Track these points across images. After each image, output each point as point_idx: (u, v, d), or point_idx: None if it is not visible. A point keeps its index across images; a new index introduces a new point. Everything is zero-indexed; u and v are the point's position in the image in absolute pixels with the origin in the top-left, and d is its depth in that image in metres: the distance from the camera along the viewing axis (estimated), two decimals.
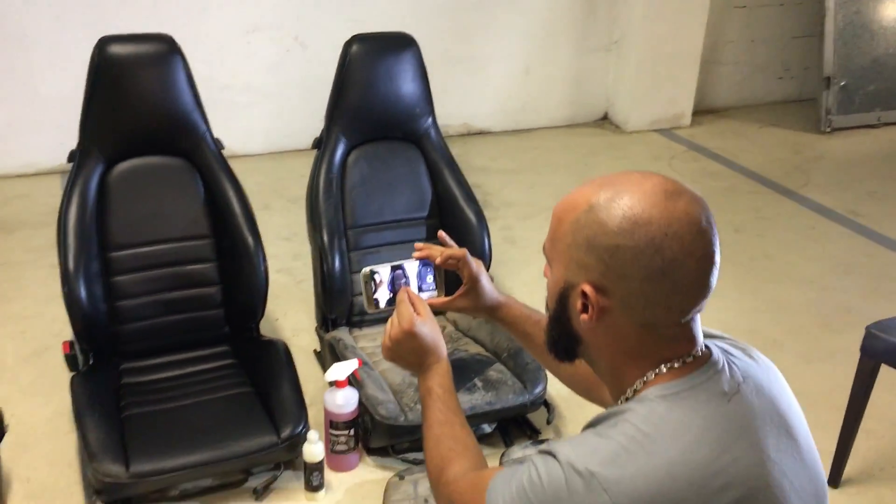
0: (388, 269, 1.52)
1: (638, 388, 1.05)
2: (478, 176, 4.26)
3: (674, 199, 1.00)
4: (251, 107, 4.37)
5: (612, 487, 0.96)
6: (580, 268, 1.04)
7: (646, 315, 1.02)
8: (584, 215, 1.03)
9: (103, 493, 2.05)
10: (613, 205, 1.01)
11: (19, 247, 3.41)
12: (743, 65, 5.44)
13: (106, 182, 2.37)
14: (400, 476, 2.22)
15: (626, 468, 0.97)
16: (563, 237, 1.06)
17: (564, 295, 1.08)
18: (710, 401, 1.03)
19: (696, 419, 1.01)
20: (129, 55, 2.32)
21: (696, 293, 1.02)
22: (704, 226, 1.01)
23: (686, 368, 1.05)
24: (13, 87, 3.92)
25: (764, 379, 1.10)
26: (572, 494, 0.98)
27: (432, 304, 1.51)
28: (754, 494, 1.00)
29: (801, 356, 2.90)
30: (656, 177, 1.04)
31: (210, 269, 2.48)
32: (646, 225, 0.99)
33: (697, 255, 1.00)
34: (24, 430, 2.39)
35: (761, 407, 1.06)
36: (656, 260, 0.99)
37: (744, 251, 3.65)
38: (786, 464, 1.04)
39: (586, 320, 1.05)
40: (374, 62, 2.59)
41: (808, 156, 4.78)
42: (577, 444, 1.03)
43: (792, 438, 1.07)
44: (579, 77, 5.04)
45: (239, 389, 2.33)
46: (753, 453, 1.01)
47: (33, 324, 2.91)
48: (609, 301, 1.03)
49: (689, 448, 0.99)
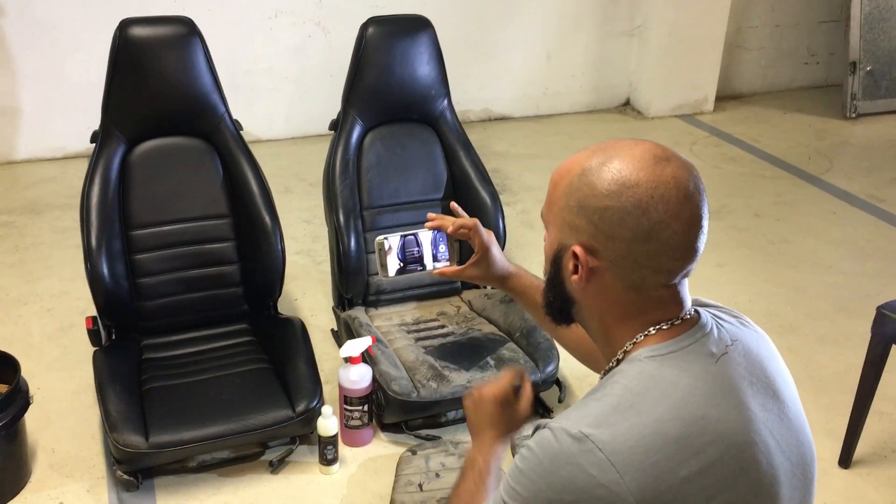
0: (397, 238, 1.56)
1: (628, 350, 1.09)
2: (498, 161, 4.29)
3: (662, 164, 1.03)
4: (273, 92, 4.42)
5: (606, 446, 0.98)
6: (572, 230, 1.07)
7: (633, 276, 1.05)
8: (577, 179, 1.06)
9: (123, 463, 2.12)
10: (604, 168, 1.04)
11: (47, 227, 3.49)
12: (768, 50, 5.39)
13: (127, 162, 2.43)
14: (412, 451, 2.26)
15: (618, 427, 1.00)
16: (558, 200, 1.09)
17: (558, 256, 1.11)
18: (698, 361, 1.05)
19: (684, 378, 1.03)
20: (149, 37, 2.37)
21: (682, 256, 1.04)
22: (692, 190, 1.03)
23: (675, 330, 1.07)
24: (41, 72, 4.00)
25: (753, 343, 1.12)
26: (569, 458, 1.00)
27: (443, 273, 1.56)
28: (739, 450, 1.02)
29: (817, 339, 2.90)
30: (648, 143, 1.07)
31: (229, 247, 2.53)
32: (633, 187, 1.02)
33: (683, 218, 1.02)
34: (50, 403, 2.46)
35: (748, 369, 1.08)
36: (643, 221, 1.02)
37: (763, 235, 3.63)
38: (772, 423, 1.06)
39: (577, 281, 1.08)
40: (390, 44, 2.62)
41: (832, 141, 4.74)
42: (568, 412, 1.06)
43: (779, 401, 1.09)
44: (601, 62, 5.03)
45: (256, 365, 2.38)
46: (739, 411, 1.04)
47: (60, 301, 2.98)
48: (598, 262, 1.06)
49: (678, 405, 1.01)
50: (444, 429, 2.42)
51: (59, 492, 2.16)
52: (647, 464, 0.98)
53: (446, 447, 2.27)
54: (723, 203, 3.93)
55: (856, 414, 2.28)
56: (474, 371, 2.37)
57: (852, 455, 2.32)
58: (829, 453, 2.34)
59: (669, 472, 0.98)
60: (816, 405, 2.54)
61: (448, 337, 2.53)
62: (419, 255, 1.59)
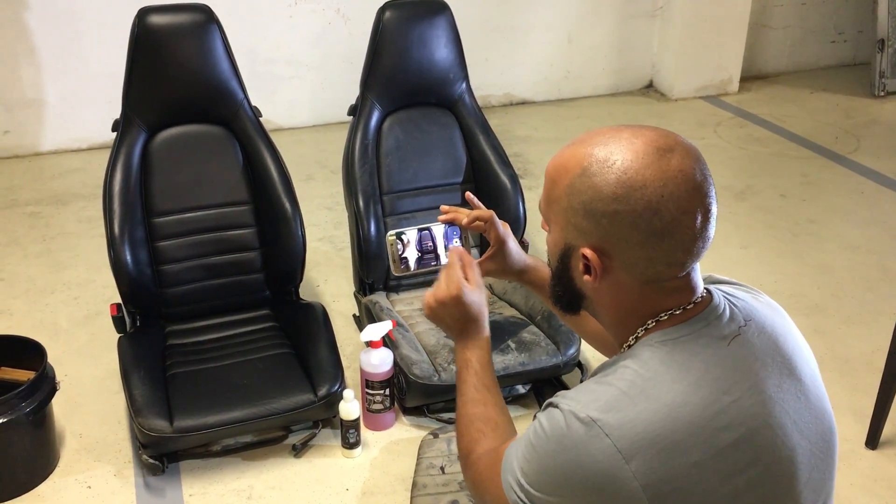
0: (414, 231, 1.54)
1: (639, 335, 1.07)
2: (519, 145, 4.27)
3: (667, 157, 1.00)
4: (294, 79, 4.43)
5: (614, 432, 0.98)
6: (579, 232, 1.05)
7: (648, 273, 1.03)
8: (578, 180, 1.03)
9: (149, 447, 2.14)
10: (607, 169, 1.01)
11: (73, 217, 3.53)
12: (793, 28, 5.31)
13: (148, 150, 2.45)
14: (434, 434, 2.26)
15: (627, 412, 0.99)
16: (559, 199, 1.06)
17: (566, 255, 1.09)
18: (710, 344, 1.04)
19: (695, 362, 1.02)
20: (167, 25, 2.38)
21: (696, 247, 1.03)
22: (699, 179, 1.01)
23: (686, 314, 1.06)
24: (65, 64, 4.05)
25: (768, 320, 1.10)
26: (576, 442, 1.00)
27: None
28: (755, 433, 1.01)
29: (843, 319, 2.86)
30: (648, 132, 1.03)
31: (250, 234, 2.54)
32: (641, 188, 0.99)
33: (695, 211, 1.00)
34: (77, 389, 2.50)
35: (763, 348, 1.06)
36: (655, 222, 0.99)
37: (789, 216, 3.59)
38: (788, 403, 1.05)
39: (590, 281, 1.06)
40: (408, 28, 2.61)
41: (860, 120, 4.66)
42: (578, 393, 1.05)
43: (796, 378, 1.08)
44: (623, 44, 4.98)
45: (278, 350, 2.39)
46: (754, 393, 1.02)
47: (86, 290, 3.02)
48: (611, 262, 1.04)
49: (689, 390, 1.00)
50: None
51: (86, 476, 2.20)
52: (656, 450, 0.97)
53: None
54: (748, 184, 3.89)
55: (883, 395, 2.25)
56: (495, 354, 2.36)
57: (879, 436, 2.29)
58: (855, 434, 2.31)
59: (679, 458, 0.97)
60: (843, 386, 2.51)
61: None
62: (433, 250, 1.56)
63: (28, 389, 2.09)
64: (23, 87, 4.03)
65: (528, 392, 2.47)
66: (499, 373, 2.33)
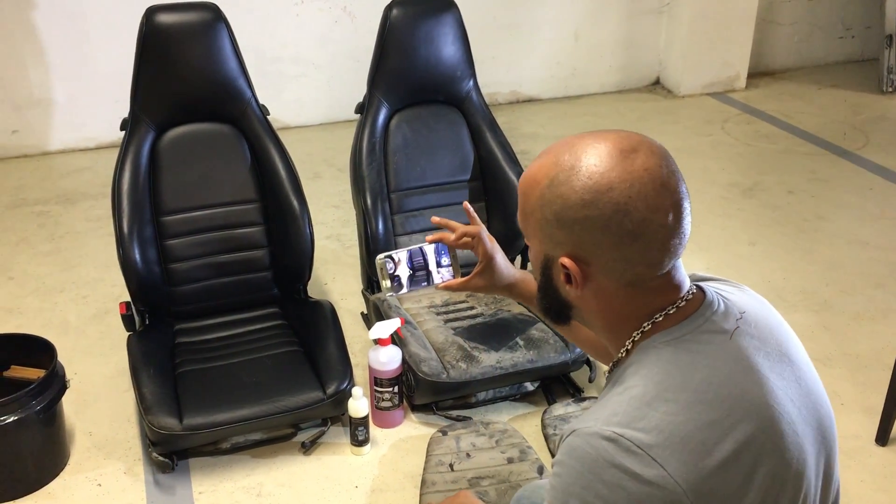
0: (404, 252, 1.57)
1: (636, 339, 1.07)
2: (526, 142, 4.27)
3: (631, 158, 1.00)
4: (301, 78, 4.43)
5: (643, 442, 0.96)
6: (555, 242, 1.05)
7: (628, 275, 1.03)
8: (547, 191, 1.04)
9: (159, 444, 2.15)
10: (573, 176, 1.01)
11: (82, 216, 3.55)
12: (801, 24, 5.29)
13: (157, 149, 2.45)
14: (443, 432, 2.27)
15: (649, 419, 0.97)
16: (533, 212, 1.07)
17: (547, 267, 1.09)
18: (713, 340, 1.04)
19: (702, 360, 1.02)
20: (175, 24, 2.38)
21: (672, 244, 1.02)
22: (666, 176, 1.01)
23: (683, 312, 1.06)
24: (73, 63, 4.06)
25: (760, 312, 1.11)
26: (608, 461, 0.96)
27: (449, 286, 1.54)
28: (767, 424, 1.01)
29: (853, 316, 2.85)
30: (611, 135, 1.03)
31: (258, 232, 2.55)
32: (607, 192, 0.99)
33: (665, 208, 1.00)
34: (87, 388, 2.51)
35: (760, 339, 1.07)
36: (626, 223, 0.99)
37: (797, 213, 3.58)
38: (791, 391, 1.05)
39: (573, 289, 1.07)
40: (414, 26, 2.61)
41: (868, 116, 4.64)
42: (592, 414, 1.03)
43: (794, 366, 1.08)
44: (630, 41, 4.97)
45: (287, 348, 2.40)
46: (760, 385, 1.02)
47: (95, 288, 3.03)
48: (589, 269, 1.04)
49: (702, 388, 1.00)
50: (475, 409, 2.42)
51: (96, 473, 2.21)
52: (686, 451, 0.96)
53: (476, 427, 2.28)
54: (756, 181, 3.87)
55: (893, 391, 2.24)
56: (503, 352, 2.36)
57: (889, 432, 2.28)
58: (865, 431, 2.31)
59: (707, 457, 0.96)
60: (853, 382, 2.50)
61: (477, 318, 2.53)
62: (425, 266, 1.58)
63: (38, 387, 2.10)
64: (31, 86, 4.04)
65: (536, 389, 2.47)
66: (507, 370, 2.33)
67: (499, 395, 2.44)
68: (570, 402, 2.39)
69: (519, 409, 2.43)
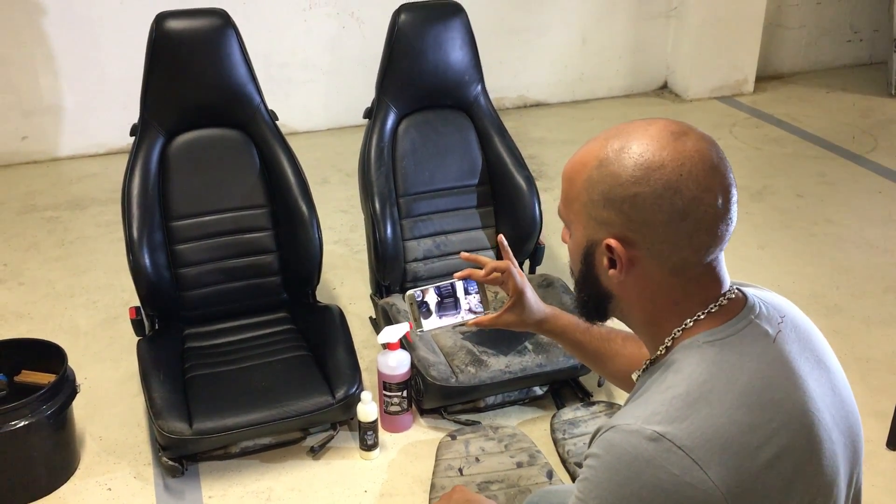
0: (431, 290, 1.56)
1: (677, 336, 1.05)
2: (534, 147, 4.27)
3: (682, 139, 1.00)
4: (310, 83, 4.45)
5: (686, 442, 0.94)
6: (600, 224, 1.04)
7: (674, 259, 1.02)
8: (595, 171, 1.03)
9: (168, 449, 2.15)
10: (623, 155, 1.01)
11: (91, 222, 3.56)
12: (809, 28, 5.28)
13: (166, 154, 2.46)
14: (452, 436, 2.27)
15: (692, 420, 0.96)
16: (578, 197, 1.06)
17: (589, 253, 1.07)
18: (757, 343, 1.03)
19: (746, 362, 1.01)
20: (184, 30, 2.39)
21: (720, 229, 1.01)
22: (717, 160, 1.01)
23: (725, 312, 1.04)
24: (82, 70, 4.08)
25: (797, 315, 1.11)
26: (648, 461, 0.95)
27: (479, 323, 1.52)
28: (807, 431, 1.00)
29: (863, 320, 2.84)
30: (660, 120, 1.04)
31: (267, 237, 2.55)
32: (659, 168, 0.99)
33: (715, 189, 1.00)
34: (97, 392, 2.51)
35: (800, 343, 1.06)
36: (676, 201, 0.99)
37: (806, 216, 3.57)
38: (827, 398, 1.05)
39: (616, 274, 1.05)
40: (423, 31, 2.62)
41: (877, 120, 4.63)
42: (632, 410, 1.01)
43: (829, 372, 1.08)
44: (638, 45, 4.97)
45: (296, 353, 2.40)
46: (802, 391, 1.02)
47: (105, 293, 3.04)
48: (636, 251, 1.02)
49: (745, 391, 0.98)
50: (484, 414, 2.42)
51: (107, 478, 2.21)
52: (727, 455, 0.94)
53: (486, 432, 2.28)
54: (765, 184, 3.87)
55: None
56: (512, 356, 2.36)
57: None
58: (876, 435, 2.30)
59: (749, 461, 0.95)
60: (864, 387, 2.49)
61: None
62: (452, 294, 1.56)
63: (49, 392, 2.10)
64: (41, 92, 4.07)
65: (545, 393, 2.46)
66: (516, 374, 2.33)
67: (508, 400, 2.44)
68: (579, 407, 2.39)
69: (528, 414, 2.43)
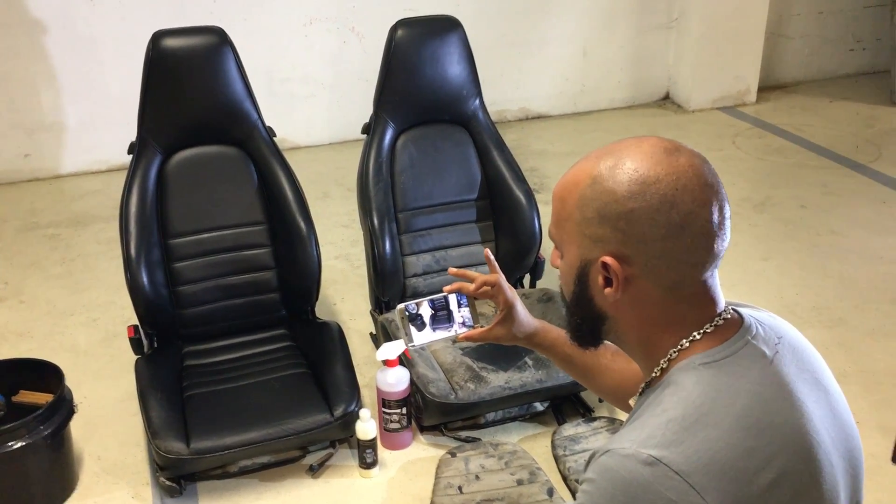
0: (424, 303, 1.55)
1: (673, 357, 1.03)
2: (536, 160, 4.26)
3: (675, 155, 1.00)
4: (310, 98, 4.45)
5: (682, 467, 0.93)
6: (595, 242, 1.02)
7: (670, 276, 1.00)
8: (588, 189, 1.02)
9: (166, 469, 2.14)
10: (617, 171, 1.00)
11: (92, 239, 3.56)
12: (811, 38, 5.27)
13: (164, 172, 2.46)
14: (452, 453, 2.25)
15: (689, 443, 0.94)
16: (570, 216, 1.04)
17: (583, 273, 1.06)
18: (754, 365, 1.01)
19: (744, 384, 0.99)
20: (181, 48, 2.40)
21: (715, 245, 1.00)
22: (710, 176, 1.01)
23: (721, 333, 1.03)
24: (84, 87, 4.09)
25: (795, 336, 1.09)
26: (643, 485, 0.93)
27: (469, 337, 1.51)
28: (806, 454, 0.99)
29: (868, 332, 2.81)
30: (651, 138, 1.03)
31: (265, 254, 2.54)
32: (655, 183, 0.98)
33: (710, 204, 0.99)
34: (96, 412, 2.50)
35: (798, 364, 1.05)
36: (673, 216, 0.98)
37: (809, 227, 3.55)
38: (826, 420, 1.03)
39: (611, 293, 1.03)
40: (420, 46, 2.61)
41: (881, 129, 4.61)
42: (627, 434, 0.99)
43: (828, 393, 1.07)
44: (639, 57, 4.97)
45: (295, 370, 2.39)
46: (800, 414, 1.00)
47: (105, 311, 3.04)
48: (632, 269, 1.01)
49: (743, 414, 0.97)
50: (484, 430, 2.40)
51: (105, 498, 2.20)
52: (725, 480, 0.93)
53: (486, 449, 2.26)
54: (767, 195, 3.85)
55: None
56: (512, 372, 2.34)
57: None
58: (881, 449, 2.27)
59: (747, 486, 0.93)
60: (868, 400, 2.46)
61: None
62: (446, 306, 1.56)
63: (46, 412, 2.09)
64: (43, 110, 4.08)
65: (546, 409, 2.45)
66: (516, 391, 2.31)
67: (508, 416, 2.42)
68: (580, 423, 2.37)
69: (528, 430, 2.41)
